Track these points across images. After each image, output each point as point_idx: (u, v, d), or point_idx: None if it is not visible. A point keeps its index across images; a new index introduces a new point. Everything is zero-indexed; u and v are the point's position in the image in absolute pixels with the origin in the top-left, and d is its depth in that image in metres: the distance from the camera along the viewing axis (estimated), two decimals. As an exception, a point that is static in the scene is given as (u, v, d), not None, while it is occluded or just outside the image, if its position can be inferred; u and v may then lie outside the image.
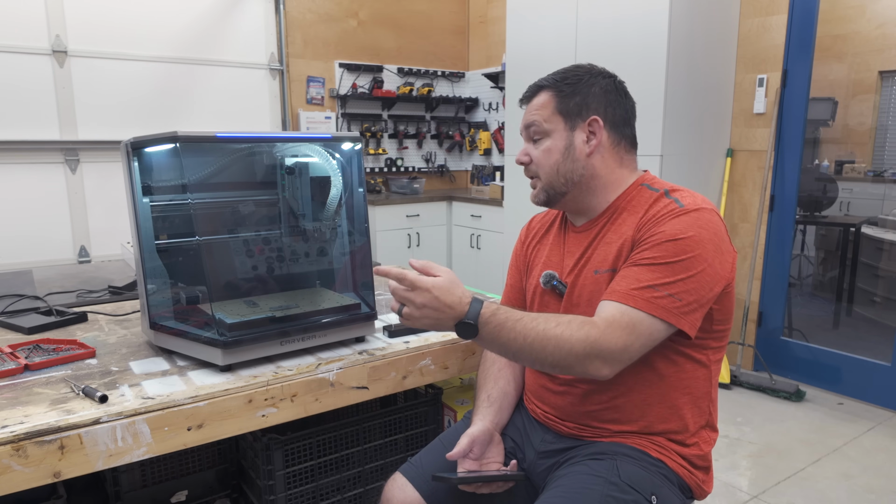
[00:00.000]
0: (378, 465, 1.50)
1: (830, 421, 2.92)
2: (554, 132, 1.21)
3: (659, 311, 1.05)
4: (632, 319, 1.05)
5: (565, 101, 1.21)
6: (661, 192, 1.17)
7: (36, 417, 1.01)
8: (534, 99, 1.24)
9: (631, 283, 1.08)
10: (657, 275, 1.06)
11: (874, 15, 3.50)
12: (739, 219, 3.50)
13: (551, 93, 1.22)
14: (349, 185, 1.44)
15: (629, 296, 1.06)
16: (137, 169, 1.31)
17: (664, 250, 1.07)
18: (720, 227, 1.11)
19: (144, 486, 1.46)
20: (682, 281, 1.06)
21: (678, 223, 1.09)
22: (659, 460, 1.15)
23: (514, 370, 1.36)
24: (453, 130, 5.29)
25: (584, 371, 1.05)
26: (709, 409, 1.20)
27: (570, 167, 1.20)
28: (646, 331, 1.05)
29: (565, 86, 1.21)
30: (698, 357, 1.16)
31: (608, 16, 3.24)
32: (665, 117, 3.05)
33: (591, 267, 1.19)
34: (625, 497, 1.07)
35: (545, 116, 1.21)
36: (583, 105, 1.20)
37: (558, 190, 1.22)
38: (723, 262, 1.10)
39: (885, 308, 3.70)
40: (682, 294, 1.06)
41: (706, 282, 1.07)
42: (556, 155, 1.20)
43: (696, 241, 1.07)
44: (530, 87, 1.26)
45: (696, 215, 1.10)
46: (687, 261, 1.06)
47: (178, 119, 4.01)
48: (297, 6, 4.43)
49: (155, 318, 1.34)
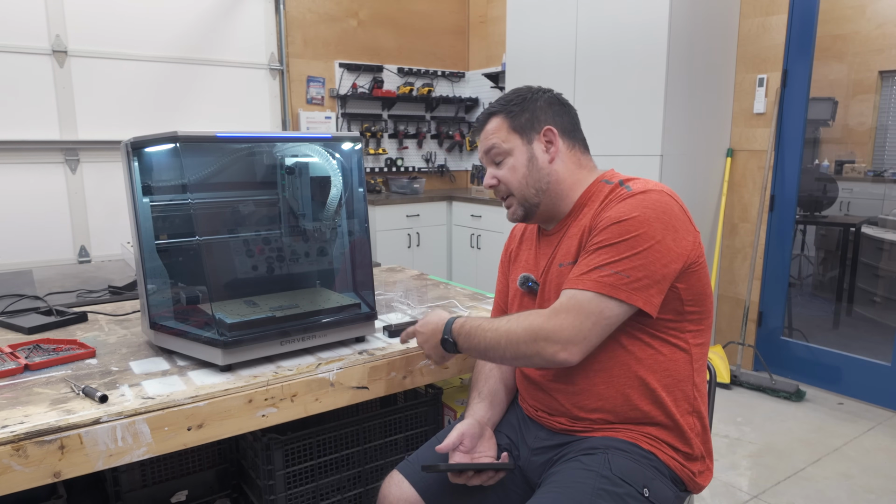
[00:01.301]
0: (378, 465, 1.50)
1: (830, 421, 2.92)
2: (514, 150, 1.27)
3: (605, 289, 1.09)
4: (578, 301, 1.10)
5: (516, 119, 1.27)
6: (616, 183, 1.22)
7: (36, 417, 1.01)
8: (486, 126, 1.30)
9: (580, 269, 1.14)
10: (603, 256, 1.11)
11: (874, 15, 3.50)
12: (739, 219, 3.50)
13: (501, 116, 1.28)
14: (349, 185, 1.44)
15: (578, 280, 1.12)
16: (137, 169, 1.31)
17: (609, 232, 1.12)
18: (671, 205, 1.13)
19: (144, 486, 1.46)
20: (628, 258, 1.09)
21: (623, 206, 1.14)
22: (650, 453, 1.16)
23: (504, 369, 1.40)
24: (453, 130, 5.29)
25: (541, 357, 1.10)
26: (693, 393, 1.21)
27: (537, 177, 1.26)
28: (595, 309, 1.09)
29: (513, 106, 1.28)
30: (675, 341, 1.18)
31: (608, 16, 3.24)
32: (665, 117, 3.05)
33: (557, 261, 1.25)
34: (617, 490, 1.08)
35: (502, 137, 1.27)
36: (533, 119, 1.27)
37: (532, 202, 1.27)
38: (677, 238, 1.11)
39: (885, 308, 3.70)
40: (628, 271, 1.09)
41: (655, 258, 1.09)
42: (521, 169, 1.26)
43: (641, 221, 1.10)
44: (479, 116, 1.33)
45: (641, 197, 1.14)
46: (631, 239, 1.10)
47: (178, 119, 4.01)
48: (297, 6, 4.43)
49: (155, 317, 1.34)
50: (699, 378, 1.23)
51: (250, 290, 1.39)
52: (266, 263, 1.42)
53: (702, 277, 1.18)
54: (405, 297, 1.83)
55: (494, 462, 1.23)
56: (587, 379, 1.19)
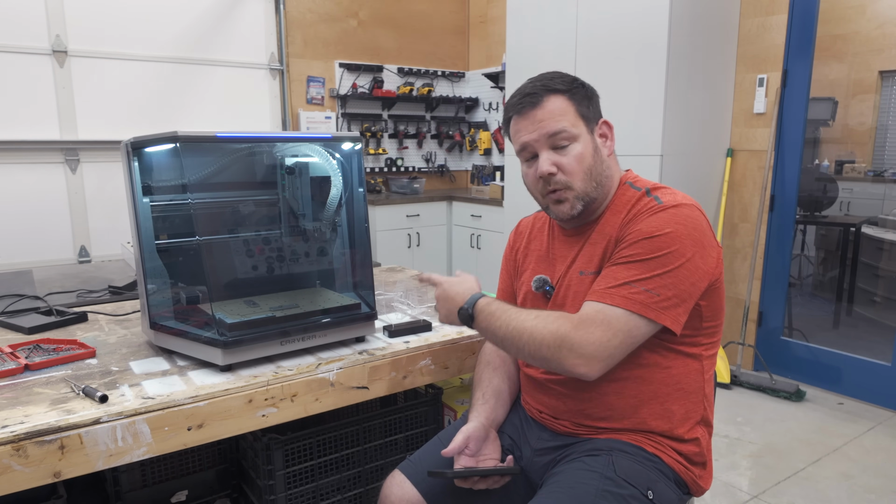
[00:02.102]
0: (378, 465, 1.50)
1: (830, 421, 2.92)
2: (581, 136, 1.18)
3: (636, 307, 1.06)
4: (607, 316, 1.06)
5: (582, 104, 1.19)
6: (643, 192, 1.18)
7: (36, 417, 1.01)
8: (546, 104, 1.17)
9: (609, 281, 1.10)
10: (634, 272, 1.08)
11: (874, 15, 3.50)
12: (739, 219, 3.50)
13: (566, 97, 1.18)
14: (349, 185, 1.44)
15: (606, 294, 1.08)
16: (137, 169, 1.31)
17: (641, 247, 1.09)
18: (701, 221, 1.11)
19: (144, 486, 1.46)
20: (659, 276, 1.06)
21: (655, 220, 1.10)
22: (655, 455, 1.16)
23: (508, 369, 1.37)
24: (453, 130, 5.29)
25: (561, 365, 1.07)
26: (703, 404, 1.21)
27: (600, 170, 1.19)
28: (623, 327, 1.06)
29: (578, 89, 1.19)
30: (690, 352, 1.17)
31: (608, 15, 3.24)
32: (665, 117, 3.05)
33: (577, 269, 1.21)
34: (621, 492, 1.08)
35: (571, 121, 1.17)
36: (595, 108, 1.22)
37: (592, 195, 1.18)
38: (705, 256, 1.10)
39: (885, 308, 3.70)
40: (659, 289, 1.06)
41: (686, 277, 1.07)
42: (588, 159, 1.17)
43: (674, 237, 1.08)
44: (535, 90, 1.18)
45: (674, 211, 1.10)
46: (664, 256, 1.07)
47: (178, 119, 4.01)
48: (297, 6, 4.43)
49: (155, 317, 1.34)
50: (709, 388, 1.22)
51: (250, 290, 1.39)
52: (266, 263, 1.42)
53: (721, 293, 1.17)
54: (405, 297, 1.83)
55: (500, 467, 1.22)
56: (598, 389, 1.17)
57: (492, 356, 1.38)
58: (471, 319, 1.20)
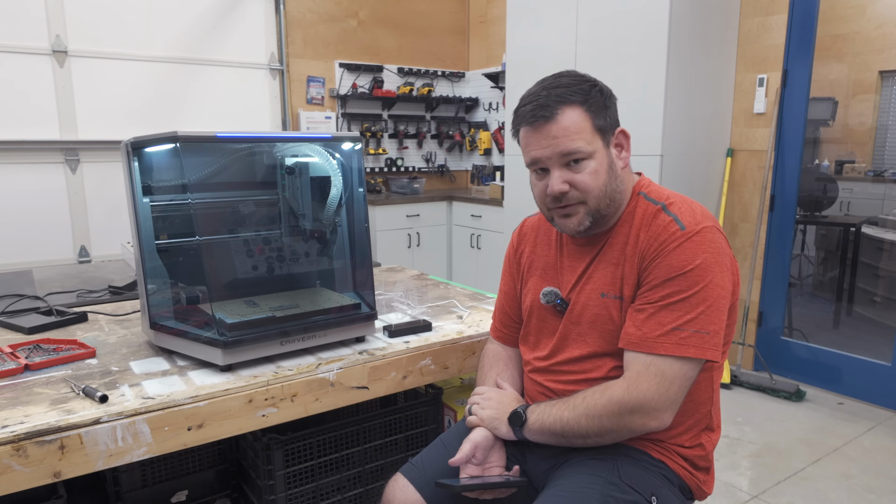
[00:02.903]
0: (378, 465, 1.50)
1: (830, 421, 2.92)
2: (596, 152, 1.11)
3: (690, 351, 1.05)
4: (660, 368, 1.05)
5: (599, 116, 1.12)
6: (659, 208, 1.13)
7: (36, 417, 1.01)
8: (560, 118, 1.09)
9: (654, 328, 1.06)
10: (677, 314, 1.05)
11: (874, 15, 3.50)
12: (739, 219, 3.50)
13: (583, 109, 1.10)
14: (349, 185, 1.44)
15: (657, 344, 1.06)
16: (137, 169, 1.31)
17: (678, 285, 1.06)
18: (722, 244, 1.10)
19: (144, 486, 1.46)
20: (703, 314, 1.05)
21: (683, 252, 1.07)
22: (659, 461, 1.15)
23: (513, 372, 1.36)
24: (453, 130, 5.29)
25: (630, 430, 1.07)
26: (710, 411, 1.20)
27: (615, 186, 1.13)
28: (678, 373, 1.05)
29: (593, 100, 1.11)
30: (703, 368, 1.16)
31: (608, 15, 3.24)
32: (665, 117, 3.05)
33: (595, 287, 1.17)
34: (624, 497, 1.07)
35: (588, 139, 1.10)
36: (612, 118, 1.15)
37: (604, 212, 1.14)
38: (730, 279, 1.10)
39: (885, 308, 3.70)
40: (706, 326, 1.05)
41: (722, 307, 1.08)
42: (603, 175, 1.11)
43: (706, 268, 1.06)
44: (549, 102, 1.10)
45: (698, 239, 1.07)
46: (702, 291, 1.05)
47: (178, 119, 4.00)
48: (297, 6, 4.43)
49: (155, 318, 1.34)
50: (716, 396, 1.22)
51: (250, 290, 1.39)
52: (266, 263, 1.42)
53: (736, 307, 1.16)
54: (405, 297, 1.83)
55: (509, 479, 1.21)
56: None
57: (494, 360, 1.37)
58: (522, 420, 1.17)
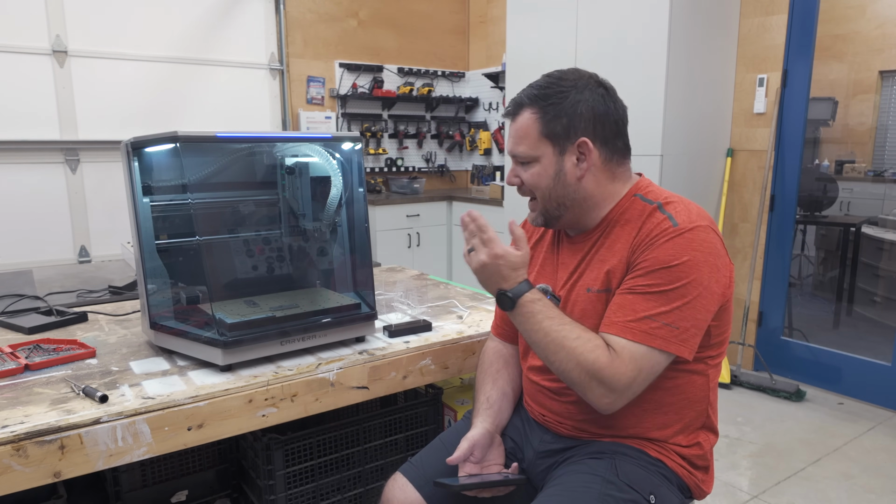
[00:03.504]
0: (378, 465, 1.50)
1: (830, 421, 2.92)
2: (542, 157, 1.16)
3: (657, 342, 1.05)
4: (633, 354, 1.05)
5: (551, 123, 1.14)
6: (655, 206, 1.13)
7: (36, 417, 1.01)
8: (518, 119, 1.17)
9: (628, 313, 1.07)
10: (653, 304, 1.06)
11: (874, 15, 3.50)
12: (739, 219, 3.50)
13: (535, 113, 1.14)
14: (349, 185, 1.44)
15: (627, 328, 1.06)
16: (137, 169, 1.31)
17: (660, 278, 1.06)
18: (715, 243, 1.09)
19: (144, 486, 1.46)
20: (679, 309, 1.05)
21: (672, 247, 1.07)
22: (658, 460, 1.15)
23: (512, 371, 1.36)
24: (453, 130, 5.29)
25: (586, 394, 1.07)
26: (707, 411, 1.20)
27: (562, 192, 1.16)
28: (646, 364, 1.06)
29: (549, 106, 1.14)
30: (696, 367, 1.16)
31: (608, 15, 3.24)
32: (665, 117, 3.05)
33: (584, 283, 1.18)
34: (623, 496, 1.07)
35: (531, 144, 1.16)
36: (570, 127, 1.13)
37: (552, 214, 1.20)
38: (719, 280, 1.08)
39: (885, 308, 3.71)
40: (678, 322, 1.05)
41: (703, 306, 1.07)
42: (545, 180, 1.16)
43: (691, 266, 1.05)
44: (513, 101, 1.19)
45: (689, 236, 1.07)
46: (682, 287, 1.05)
47: (178, 119, 4.00)
48: (297, 6, 4.43)
49: (155, 317, 1.34)
50: (713, 395, 1.22)
51: (250, 290, 1.39)
52: (266, 263, 1.42)
53: (730, 309, 1.16)
54: (405, 297, 1.83)
55: (507, 478, 1.21)
56: None
57: (494, 358, 1.37)
58: (509, 306, 1.12)
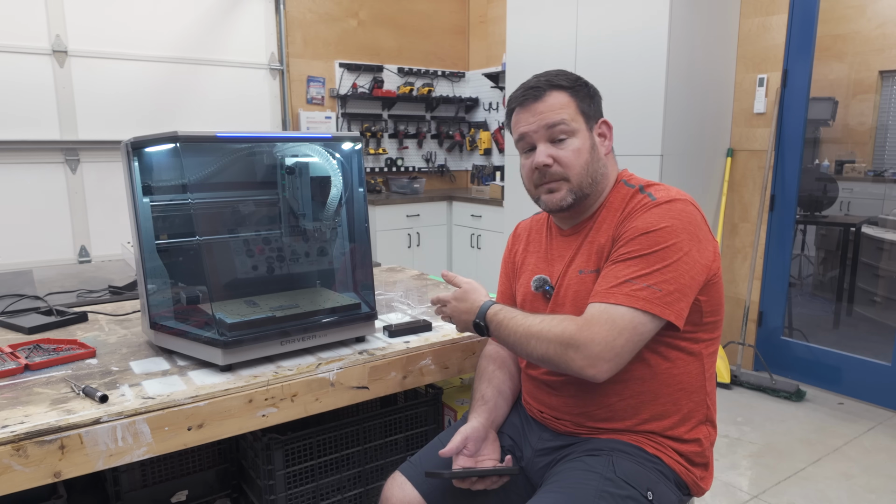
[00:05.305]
0: (378, 464, 1.50)
1: (830, 421, 2.92)
2: (579, 132, 1.20)
3: (639, 303, 1.06)
4: (611, 315, 1.06)
5: (584, 102, 1.22)
6: (636, 189, 1.20)
7: (36, 417, 1.01)
8: (547, 98, 1.20)
9: (610, 280, 1.10)
10: (633, 269, 1.08)
11: (874, 15, 3.50)
12: (739, 219, 3.50)
13: (568, 93, 1.21)
14: (349, 185, 1.44)
15: (608, 293, 1.08)
16: (137, 169, 1.31)
17: (639, 244, 1.09)
18: (695, 215, 1.12)
19: (145, 485, 1.46)
20: (659, 271, 1.07)
21: (651, 215, 1.11)
22: (655, 456, 1.16)
23: (509, 371, 1.37)
24: (453, 130, 5.29)
25: (568, 367, 1.07)
26: (705, 402, 1.20)
27: (596, 167, 1.21)
28: (627, 325, 1.05)
29: (581, 87, 1.23)
30: (691, 349, 1.16)
31: (608, 15, 3.24)
32: (665, 117, 3.05)
33: (576, 267, 1.22)
34: (620, 492, 1.08)
35: (571, 115, 1.20)
36: (596, 107, 1.24)
37: (586, 191, 1.21)
38: (702, 250, 1.11)
39: (886, 308, 3.70)
40: (660, 284, 1.06)
41: (685, 270, 1.08)
42: (585, 154, 1.20)
43: (670, 231, 1.08)
44: (538, 84, 1.22)
45: (668, 206, 1.12)
46: (662, 251, 1.08)
47: (178, 119, 4.01)
48: (297, 6, 4.43)
49: (155, 317, 1.34)
50: (710, 385, 1.22)
51: (250, 290, 1.39)
52: (266, 263, 1.42)
53: (720, 288, 1.17)
54: (405, 297, 1.83)
55: (498, 468, 1.21)
56: (599, 390, 1.17)
57: (493, 355, 1.38)
58: (485, 330, 1.22)
